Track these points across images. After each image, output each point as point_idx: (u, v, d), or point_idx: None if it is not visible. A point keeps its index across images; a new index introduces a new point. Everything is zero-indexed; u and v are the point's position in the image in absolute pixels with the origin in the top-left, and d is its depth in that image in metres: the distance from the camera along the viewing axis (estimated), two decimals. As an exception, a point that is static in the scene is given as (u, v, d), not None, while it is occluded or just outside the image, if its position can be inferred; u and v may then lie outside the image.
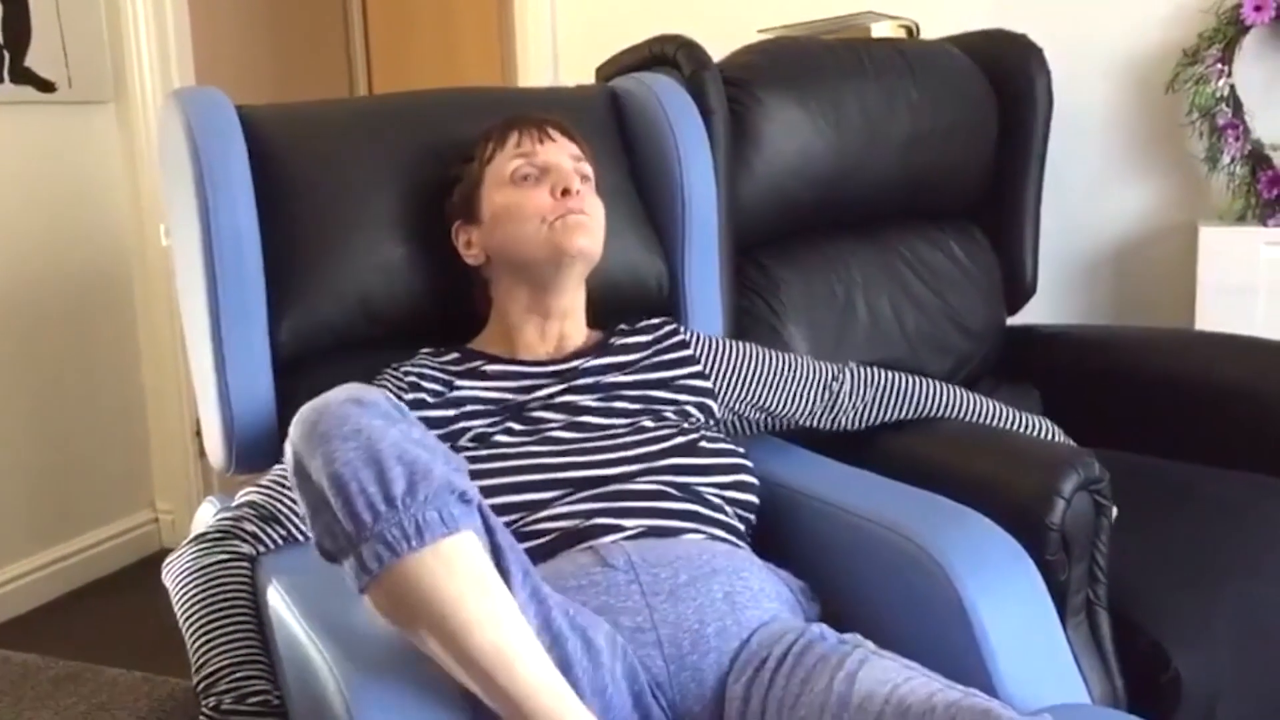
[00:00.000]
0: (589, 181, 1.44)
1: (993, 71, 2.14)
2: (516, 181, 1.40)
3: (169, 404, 2.98)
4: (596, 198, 1.44)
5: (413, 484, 0.94)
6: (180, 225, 1.43)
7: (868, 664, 1.06)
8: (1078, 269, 2.43)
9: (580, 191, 1.39)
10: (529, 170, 1.40)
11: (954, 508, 1.32)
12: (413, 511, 0.94)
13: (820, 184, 1.92)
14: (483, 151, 1.44)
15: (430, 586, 0.94)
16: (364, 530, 0.94)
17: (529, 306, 1.43)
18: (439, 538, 0.94)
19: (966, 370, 2.08)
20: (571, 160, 1.42)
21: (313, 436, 0.96)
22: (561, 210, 1.37)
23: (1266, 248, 2.13)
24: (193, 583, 1.20)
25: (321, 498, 0.95)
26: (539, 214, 1.37)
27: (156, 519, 3.05)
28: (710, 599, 1.16)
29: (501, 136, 1.43)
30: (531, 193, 1.39)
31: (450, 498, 0.96)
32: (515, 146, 1.41)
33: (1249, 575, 1.53)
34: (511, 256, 1.41)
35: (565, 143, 1.44)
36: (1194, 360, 1.99)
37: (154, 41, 2.84)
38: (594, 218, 1.41)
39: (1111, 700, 1.36)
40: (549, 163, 1.40)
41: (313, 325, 1.44)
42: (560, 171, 1.39)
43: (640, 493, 1.28)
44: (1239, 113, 2.19)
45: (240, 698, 1.12)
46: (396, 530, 0.93)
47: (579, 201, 1.38)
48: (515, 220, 1.39)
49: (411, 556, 0.93)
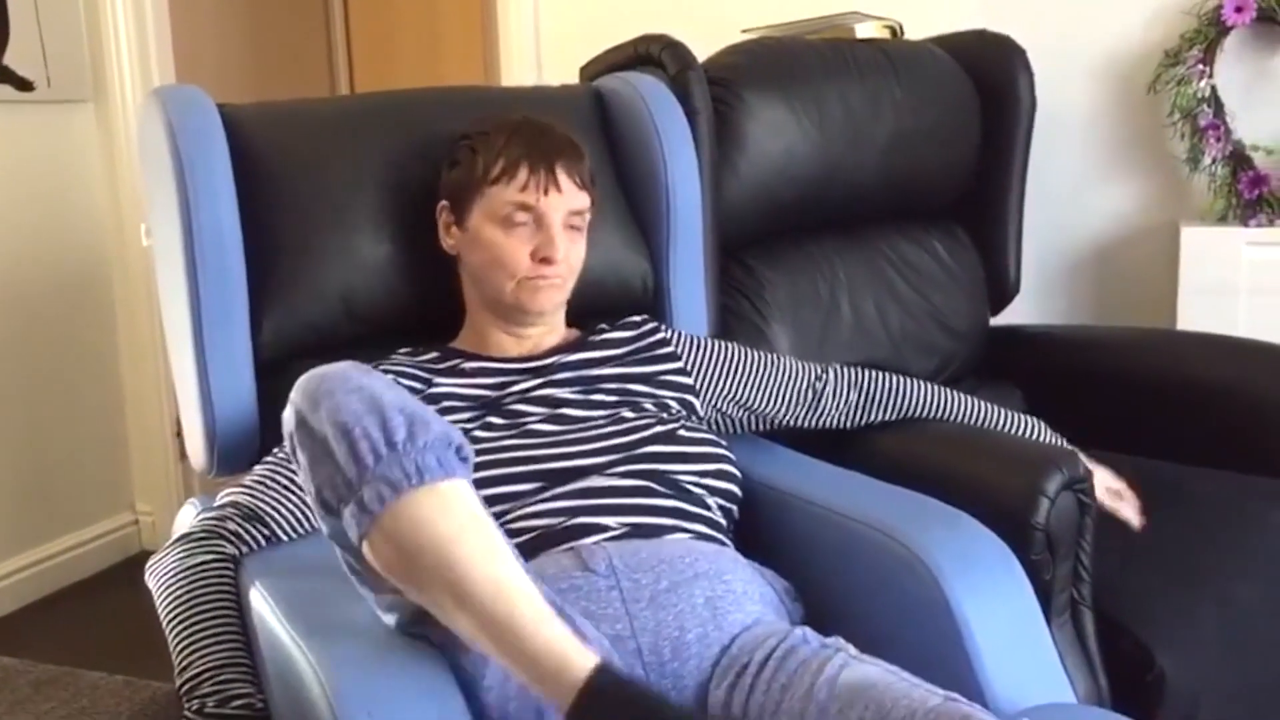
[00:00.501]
0: (579, 232, 1.42)
1: (976, 72, 2.15)
2: (506, 226, 1.38)
3: (149, 405, 2.95)
4: (582, 244, 1.44)
5: (413, 431, 0.98)
6: (161, 225, 1.42)
7: (848, 668, 1.06)
8: (1060, 269, 2.44)
9: (563, 259, 1.38)
10: (523, 219, 1.38)
11: (940, 508, 1.33)
12: (413, 455, 0.97)
13: (805, 184, 1.92)
14: (490, 163, 1.38)
15: (430, 521, 0.97)
16: (366, 472, 0.97)
17: (494, 323, 1.44)
18: (437, 479, 0.98)
19: (950, 370, 2.09)
20: (568, 214, 1.40)
21: (318, 392, 1.01)
22: (535, 274, 1.38)
23: (1248, 248, 2.14)
24: (176, 584, 1.19)
25: (324, 448, 0.99)
26: (513, 269, 1.38)
27: (137, 521, 3.02)
28: (691, 605, 1.16)
29: (513, 165, 1.38)
30: (516, 243, 1.38)
31: (448, 450, 1.00)
32: (520, 190, 1.37)
33: (1232, 575, 1.53)
34: (479, 284, 1.43)
35: (572, 191, 1.39)
36: (1176, 360, 2.00)
37: (133, 40, 2.82)
38: (567, 275, 1.41)
39: (1096, 699, 1.36)
40: (544, 218, 1.38)
41: (295, 325, 1.43)
42: (548, 234, 1.37)
43: (622, 489, 1.27)
44: (1220, 113, 2.20)
45: (223, 701, 1.11)
46: (398, 470, 0.97)
47: (556, 269, 1.38)
48: (491, 262, 1.40)
49: (411, 494, 0.97)
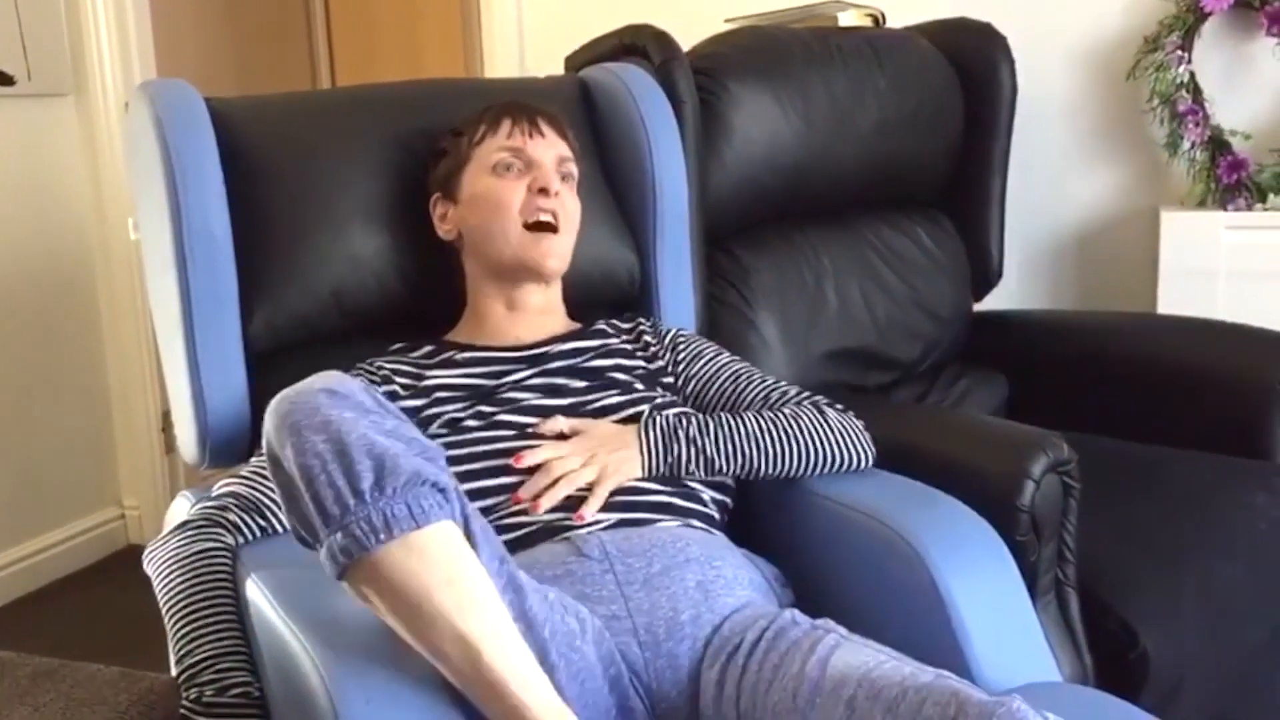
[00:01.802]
0: (571, 181, 1.45)
1: (958, 60, 2.16)
2: (499, 172, 1.41)
3: (135, 399, 2.95)
4: (576, 199, 1.46)
5: (380, 478, 0.94)
6: (149, 220, 1.42)
7: (839, 649, 1.08)
8: (1042, 255, 2.46)
9: (559, 192, 1.40)
10: (513, 162, 1.41)
11: (926, 491, 1.34)
12: (380, 505, 0.94)
13: (789, 173, 1.94)
14: (473, 132, 1.44)
15: (399, 580, 0.95)
16: (332, 523, 0.94)
17: (496, 296, 1.45)
18: (406, 531, 0.94)
19: (934, 356, 2.11)
20: (557, 159, 1.43)
21: (283, 428, 0.96)
22: (534, 209, 1.39)
23: (1226, 232, 2.16)
24: (176, 571, 1.20)
25: (294, 487, 0.96)
26: (512, 208, 1.39)
27: (123, 515, 3.02)
28: (684, 587, 1.17)
29: (495, 122, 1.44)
30: (510, 185, 1.40)
31: (422, 489, 0.96)
32: (506, 136, 1.42)
33: (1214, 554, 1.56)
34: (481, 246, 1.43)
35: (555, 139, 1.44)
36: (1156, 343, 2.02)
37: (114, 34, 2.81)
38: (566, 226, 1.42)
39: (1081, 678, 1.38)
40: (534, 158, 1.41)
41: (286, 319, 1.44)
42: (542, 170, 1.41)
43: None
44: (1199, 99, 2.22)
45: (221, 689, 1.12)
46: (365, 524, 0.94)
47: (554, 203, 1.40)
48: (489, 210, 1.40)
49: (379, 550, 0.94)
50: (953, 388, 2.10)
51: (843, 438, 1.35)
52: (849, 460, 1.35)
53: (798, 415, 1.36)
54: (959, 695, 0.95)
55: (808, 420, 1.35)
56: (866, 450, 1.37)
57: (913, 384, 2.08)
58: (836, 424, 1.36)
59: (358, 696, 0.96)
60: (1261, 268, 2.13)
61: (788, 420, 1.35)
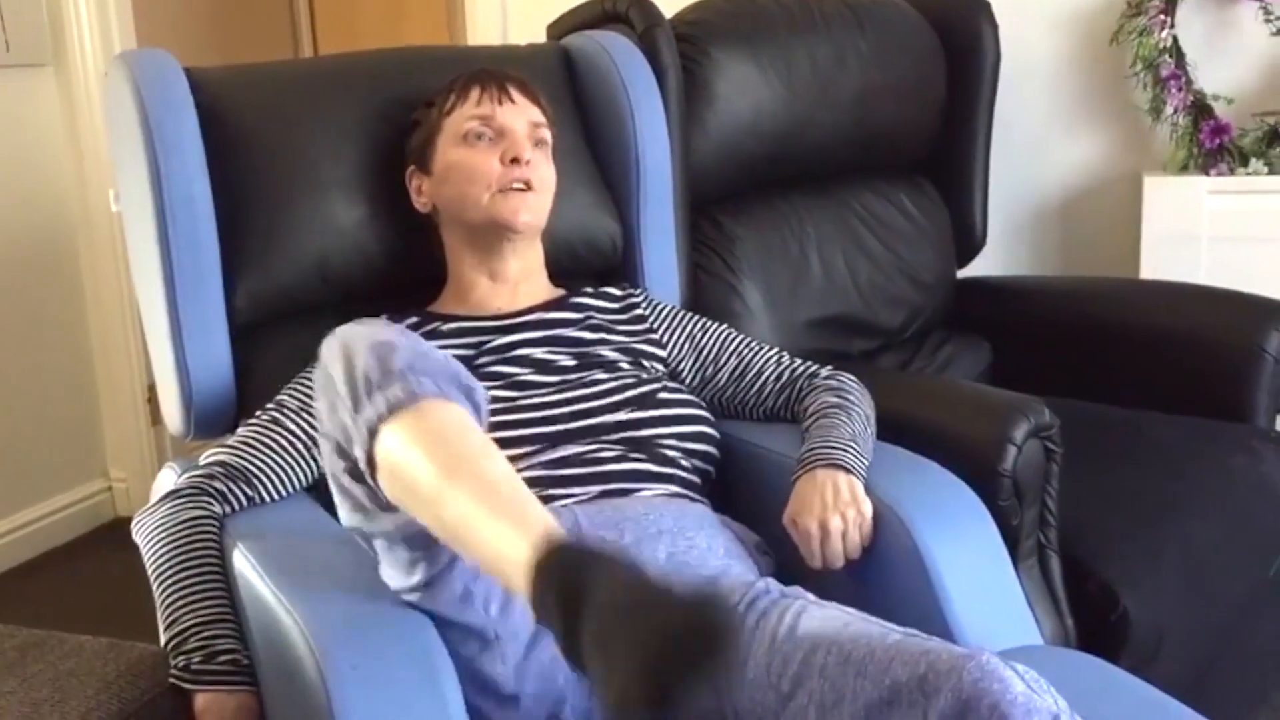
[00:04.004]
0: (545, 146, 1.44)
1: (941, 25, 2.16)
2: (470, 141, 1.40)
3: (119, 371, 2.94)
4: (550, 164, 1.45)
5: (412, 365, 0.98)
6: (130, 191, 1.41)
7: (806, 614, 1.09)
8: (1026, 221, 2.46)
9: (530, 160, 1.39)
10: (484, 130, 1.40)
11: (909, 457, 1.35)
12: (410, 379, 0.97)
13: (773, 140, 1.93)
14: (444, 102, 1.43)
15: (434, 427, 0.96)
16: (372, 388, 0.97)
17: (477, 267, 1.44)
18: (431, 396, 0.97)
19: (918, 323, 2.11)
20: (529, 125, 1.42)
21: (338, 337, 1.04)
22: (508, 179, 1.38)
23: (1209, 197, 2.17)
24: (164, 539, 1.20)
25: (335, 390, 1.00)
26: (485, 179, 1.39)
27: (110, 487, 3.02)
28: (655, 560, 1.18)
29: (464, 90, 1.43)
30: (482, 155, 1.39)
31: (451, 386, 0.99)
32: (475, 104, 1.41)
33: (1193, 516, 1.57)
34: (456, 215, 1.42)
35: (526, 105, 1.43)
36: (1140, 308, 2.03)
37: (92, 3, 2.78)
38: (541, 189, 1.41)
39: (1063, 640, 1.40)
40: (505, 126, 1.40)
41: (269, 290, 1.43)
42: (513, 137, 1.40)
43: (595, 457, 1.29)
44: (1181, 64, 2.22)
45: (209, 656, 1.12)
46: (398, 390, 0.97)
47: (526, 171, 1.39)
48: (462, 181, 1.40)
49: (421, 403, 0.96)
50: (936, 354, 2.11)
51: (872, 406, 1.41)
52: (874, 424, 1.40)
53: (849, 389, 1.41)
54: (928, 653, 0.96)
55: (856, 394, 1.40)
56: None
57: (896, 350, 2.09)
58: (861, 391, 1.42)
59: (344, 663, 0.97)
60: (1244, 232, 2.14)
61: (854, 398, 1.39)
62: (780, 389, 1.46)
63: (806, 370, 1.46)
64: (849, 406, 1.37)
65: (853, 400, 1.38)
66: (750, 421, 1.49)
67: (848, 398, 1.39)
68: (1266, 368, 1.82)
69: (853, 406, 1.37)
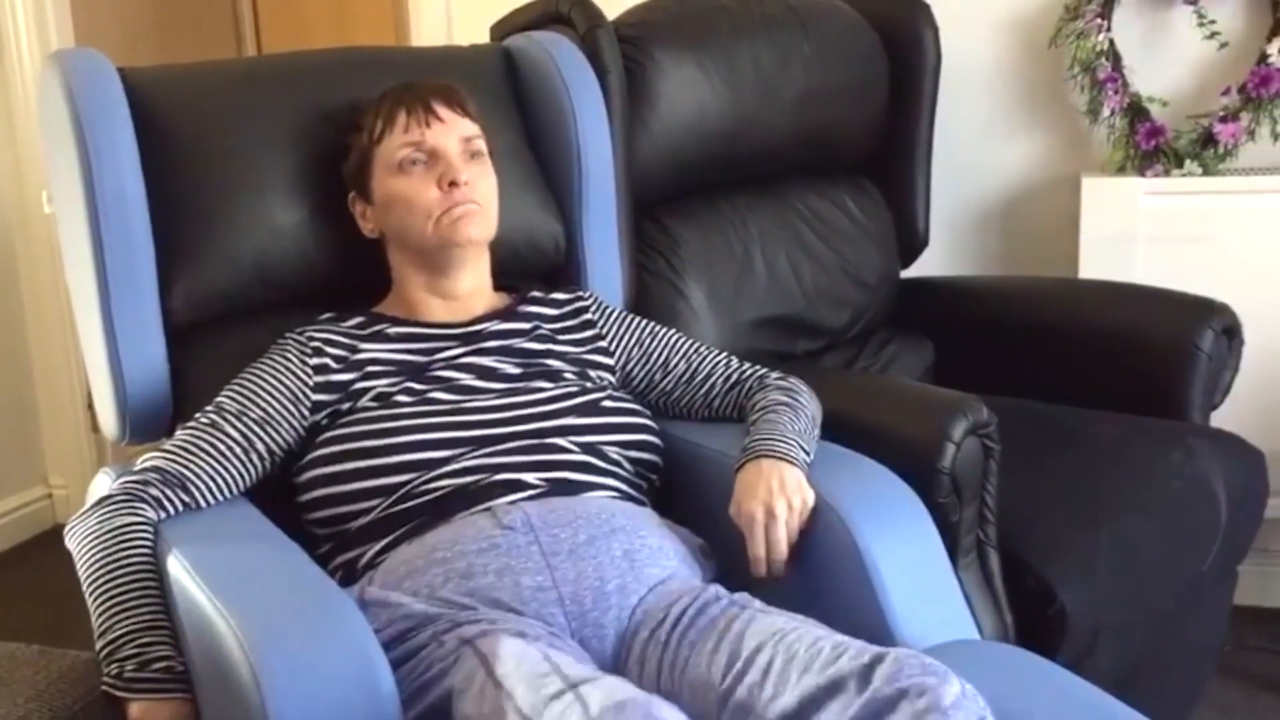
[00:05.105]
0: (480, 158, 1.42)
1: (883, 28, 2.18)
2: (405, 169, 1.38)
3: (59, 376, 2.90)
4: (489, 174, 1.43)
5: None
6: (63, 192, 1.39)
7: (755, 621, 1.10)
8: (967, 221, 2.49)
9: (468, 179, 1.38)
10: (417, 157, 1.38)
11: (847, 454, 1.36)
12: None
13: (716, 141, 1.94)
14: (372, 126, 1.40)
15: None
16: None
17: (425, 287, 1.43)
18: None
19: (862, 322, 2.13)
20: (461, 142, 1.39)
21: None
22: (449, 204, 1.37)
23: (1145, 197, 2.20)
24: (96, 547, 1.18)
25: None
26: (426, 208, 1.37)
27: (50, 494, 2.97)
28: (610, 557, 1.18)
29: (390, 116, 1.39)
30: (420, 183, 1.38)
31: None
32: (404, 131, 1.38)
33: (1129, 513, 1.60)
34: (404, 242, 1.42)
35: (455, 120, 1.40)
36: (1078, 307, 2.06)
37: (30, 1, 2.74)
38: (484, 202, 1.40)
39: (1002, 635, 1.42)
40: (437, 148, 1.38)
41: (206, 292, 1.42)
42: (447, 161, 1.37)
43: (541, 447, 1.29)
44: (1118, 66, 2.25)
45: (143, 664, 1.11)
46: None
47: (467, 192, 1.37)
48: (404, 212, 1.39)
49: None
50: (880, 353, 2.13)
51: (819, 410, 1.42)
52: (819, 427, 1.40)
53: (798, 391, 1.41)
54: (870, 650, 0.98)
55: (805, 396, 1.41)
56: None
57: (841, 350, 2.10)
58: (810, 395, 1.43)
59: (280, 668, 0.96)
60: (1178, 232, 2.18)
61: (803, 399, 1.40)
62: (728, 390, 1.46)
63: (756, 373, 1.47)
64: (796, 406, 1.38)
65: (801, 401, 1.39)
66: (695, 422, 1.49)
67: (796, 398, 1.39)
68: (1200, 365, 1.85)
69: (801, 406, 1.38)
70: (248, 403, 1.31)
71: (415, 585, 1.16)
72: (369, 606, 1.14)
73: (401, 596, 1.16)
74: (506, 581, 1.14)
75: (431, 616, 1.13)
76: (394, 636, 1.13)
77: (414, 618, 1.14)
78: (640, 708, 0.90)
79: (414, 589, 1.16)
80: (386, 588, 1.18)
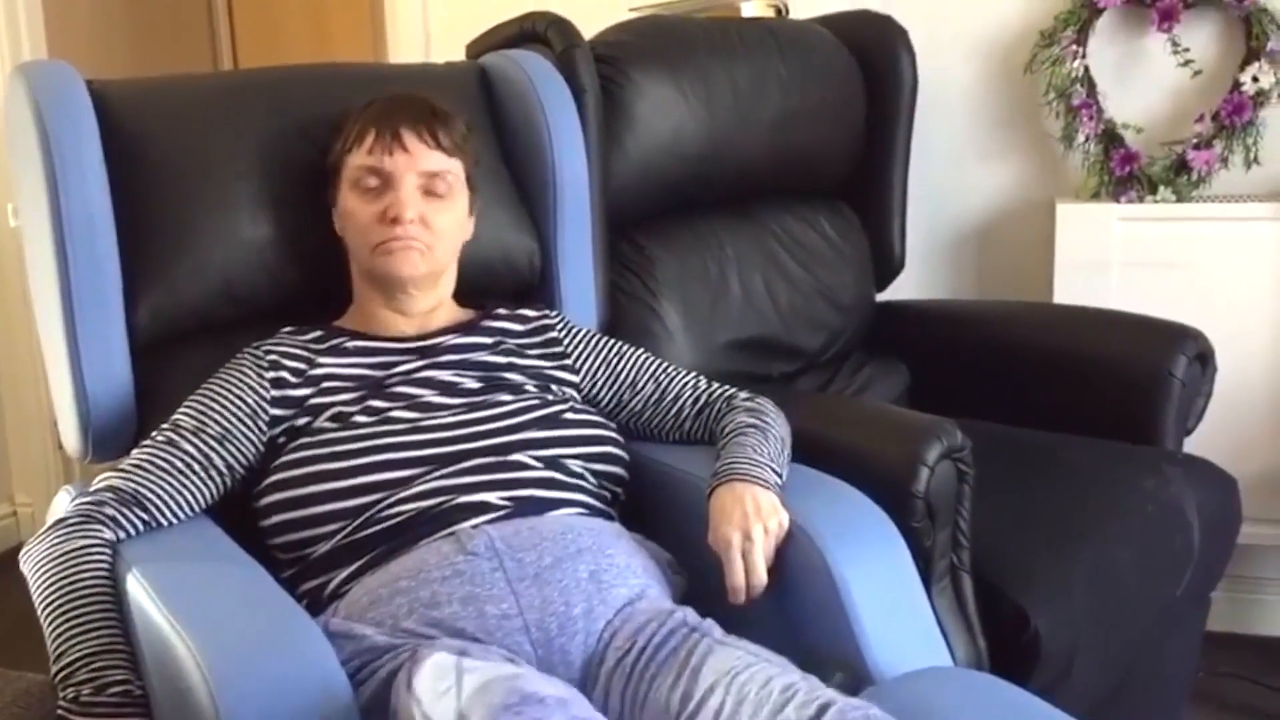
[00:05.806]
0: (444, 194, 1.39)
1: (860, 52, 2.18)
2: (360, 188, 1.37)
3: (25, 392, 2.86)
4: (450, 210, 1.40)
5: None
6: (29, 206, 1.37)
7: (712, 655, 1.09)
8: (943, 245, 2.49)
9: (415, 219, 1.35)
10: (373, 181, 1.37)
11: (821, 478, 1.35)
12: None
13: (693, 162, 1.94)
14: (346, 136, 1.40)
15: None
16: None
17: (383, 304, 1.42)
18: None
19: (837, 345, 2.12)
20: (420, 176, 1.37)
21: None
22: (387, 236, 1.35)
23: (1119, 223, 2.21)
24: (52, 570, 1.16)
25: None
26: (366, 235, 1.36)
27: (15, 512, 2.93)
28: (576, 579, 1.17)
29: (361, 131, 1.38)
30: (369, 207, 1.36)
31: None
32: (367, 152, 1.37)
33: (1103, 538, 1.59)
34: (354, 258, 1.42)
35: (423, 153, 1.37)
36: (1052, 332, 2.06)
37: (1, 11, 2.71)
38: (432, 242, 1.37)
39: (975, 661, 1.41)
40: (393, 178, 1.36)
41: (173, 307, 1.40)
42: (397, 194, 1.35)
43: (504, 464, 1.28)
44: (1093, 93, 2.26)
45: (100, 688, 1.08)
46: None
47: (409, 229, 1.35)
48: (352, 230, 1.39)
49: None
50: (855, 376, 2.13)
51: (788, 430, 1.41)
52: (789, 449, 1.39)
53: (766, 412, 1.40)
54: (821, 698, 0.99)
55: (772, 417, 1.40)
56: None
57: (816, 373, 2.10)
58: (778, 414, 1.42)
59: (238, 691, 0.94)
60: (1152, 258, 2.19)
61: (771, 419, 1.39)
62: (698, 412, 1.45)
63: (724, 394, 1.46)
64: (766, 428, 1.36)
65: (769, 421, 1.38)
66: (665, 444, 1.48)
67: (765, 419, 1.38)
68: (1174, 391, 1.86)
69: (769, 428, 1.37)
70: (205, 418, 1.29)
71: (379, 615, 1.14)
72: (334, 638, 1.12)
73: (364, 628, 1.14)
74: (470, 611, 1.12)
75: (394, 647, 1.11)
76: (358, 669, 1.11)
77: (376, 650, 1.11)
78: (504, 683, 0.91)
79: (377, 619, 1.14)
80: (350, 619, 1.16)
